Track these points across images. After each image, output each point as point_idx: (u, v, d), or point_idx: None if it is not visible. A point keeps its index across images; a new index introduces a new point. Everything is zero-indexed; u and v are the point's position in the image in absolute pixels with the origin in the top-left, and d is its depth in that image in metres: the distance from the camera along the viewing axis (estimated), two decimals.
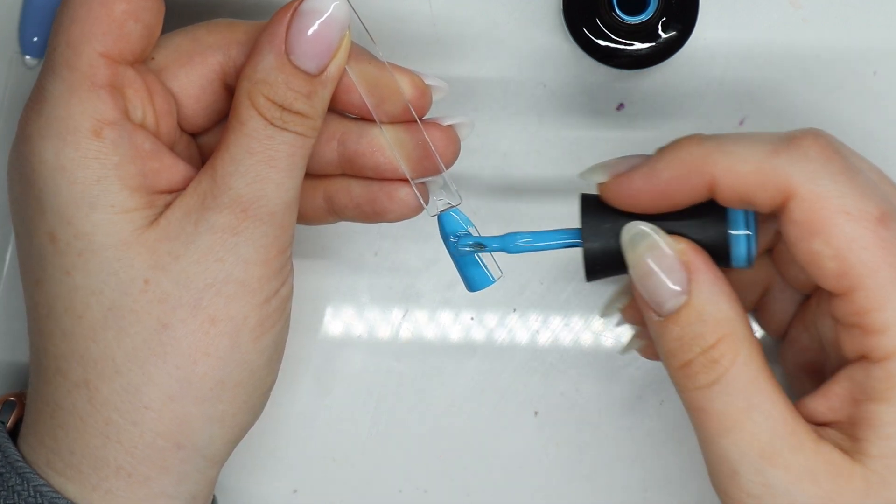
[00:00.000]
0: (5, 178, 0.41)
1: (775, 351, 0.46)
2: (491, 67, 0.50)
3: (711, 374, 0.37)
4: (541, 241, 0.41)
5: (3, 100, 0.49)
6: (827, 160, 0.37)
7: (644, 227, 0.39)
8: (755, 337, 0.38)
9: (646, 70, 0.49)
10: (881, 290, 0.36)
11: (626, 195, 0.39)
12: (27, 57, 0.49)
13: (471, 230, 0.42)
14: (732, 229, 0.39)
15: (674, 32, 0.47)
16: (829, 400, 0.38)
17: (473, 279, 0.42)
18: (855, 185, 0.36)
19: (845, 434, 0.38)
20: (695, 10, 0.47)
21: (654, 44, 0.47)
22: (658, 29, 0.47)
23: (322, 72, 0.39)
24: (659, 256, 0.38)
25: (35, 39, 0.49)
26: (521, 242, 0.41)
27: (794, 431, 0.37)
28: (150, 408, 0.39)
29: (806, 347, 0.44)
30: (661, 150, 0.39)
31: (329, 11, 0.39)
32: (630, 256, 0.39)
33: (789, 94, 0.49)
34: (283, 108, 0.39)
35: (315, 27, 0.39)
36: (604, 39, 0.47)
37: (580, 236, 0.40)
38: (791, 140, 0.37)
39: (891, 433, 0.36)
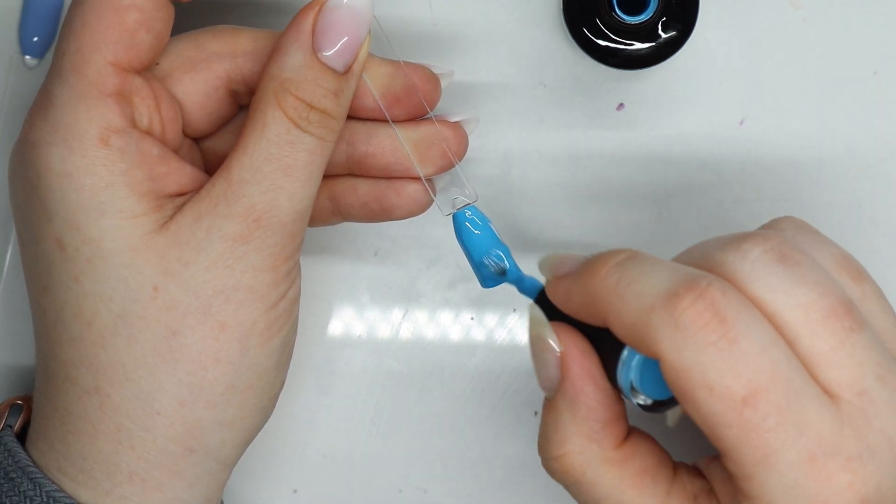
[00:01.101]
0: (5, 180, 0.41)
1: None
2: (491, 67, 0.50)
3: (562, 481, 0.38)
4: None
5: (3, 100, 0.49)
6: (703, 325, 0.34)
7: (539, 314, 0.39)
8: (619, 453, 0.38)
9: (646, 70, 0.49)
10: (746, 468, 0.34)
11: (559, 303, 0.39)
12: (27, 57, 0.49)
13: (480, 232, 0.43)
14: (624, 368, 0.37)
15: (674, 32, 0.47)
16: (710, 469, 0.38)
17: (489, 275, 0.43)
18: (725, 355, 0.33)
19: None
20: (695, 9, 0.47)
21: (653, 44, 0.47)
22: (658, 29, 0.47)
23: (348, 70, 0.39)
24: (542, 345, 0.38)
25: (35, 39, 0.49)
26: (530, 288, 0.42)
27: None
28: (162, 414, 0.39)
29: None
30: (579, 270, 0.38)
31: (355, 8, 0.39)
32: (529, 330, 0.39)
33: (789, 94, 0.49)
34: (311, 106, 0.39)
35: (342, 24, 0.39)
36: (604, 39, 0.47)
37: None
38: (670, 297, 0.34)
39: None
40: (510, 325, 0.50)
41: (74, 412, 0.39)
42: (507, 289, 0.49)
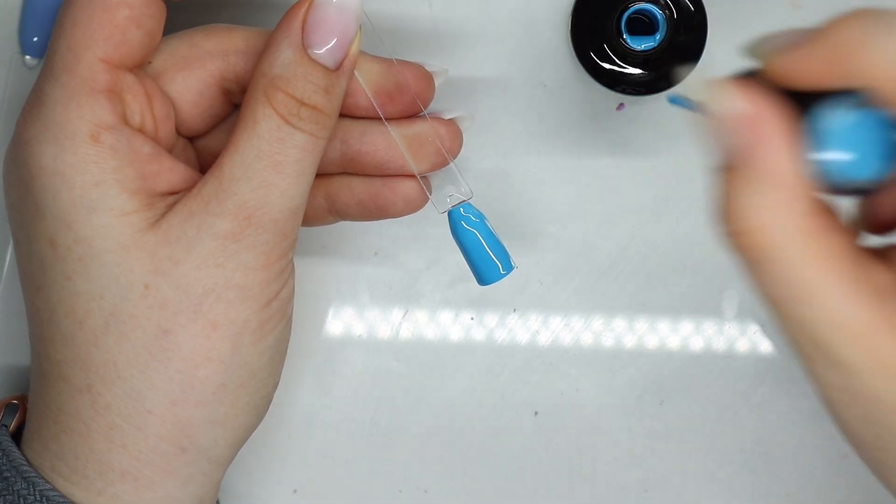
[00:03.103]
0: (3, 180, 0.41)
1: None
2: (491, 67, 0.50)
3: (745, 257, 0.34)
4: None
5: (3, 100, 0.49)
6: None
7: (719, 79, 0.34)
8: (813, 223, 0.33)
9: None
10: None
11: (784, 77, 0.34)
12: (27, 57, 0.49)
13: (476, 229, 0.43)
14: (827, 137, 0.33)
15: (682, 61, 0.47)
16: None
17: (485, 272, 0.43)
18: None
19: None
20: (703, 34, 0.47)
21: (660, 71, 0.47)
22: (666, 56, 0.47)
23: (339, 66, 0.39)
24: (727, 104, 0.34)
25: (35, 39, 0.49)
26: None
27: (844, 328, 0.33)
28: (153, 412, 0.39)
29: None
30: (816, 33, 0.33)
31: (345, 5, 0.39)
32: (705, 95, 0.34)
33: None
34: (301, 103, 0.38)
35: (332, 20, 0.39)
36: (610, 63, 0.47)
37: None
38: None
39: None
40: (510, 325, 0.50)
41: (67, 411, 0.39)
42: (506, 288, 0.49)
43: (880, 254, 0.35)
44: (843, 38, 0.32)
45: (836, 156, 0.33)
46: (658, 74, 0.47)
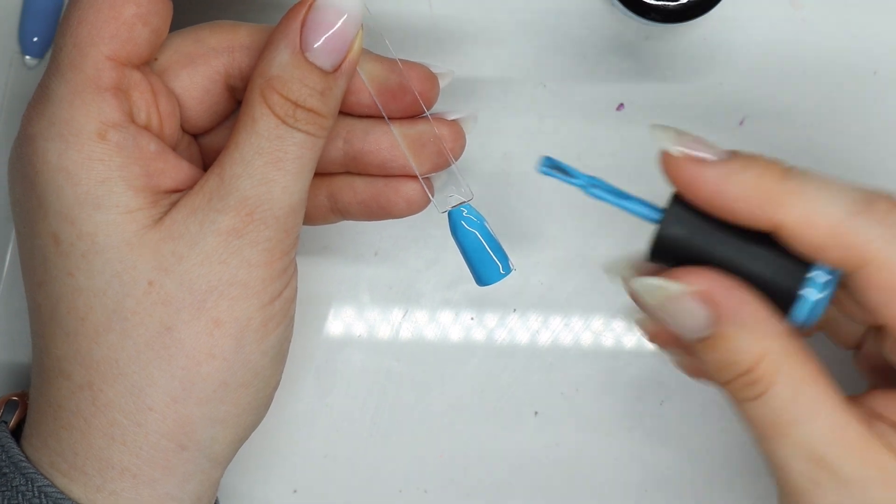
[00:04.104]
0: (5, 179, 0.41)
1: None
2: (491, 67, 0.50)
3: (752, 392, 0.37)
4: (620, 198, 0.39)
5: (3, 100, 0.49)
6: None
7: (654, 282, 0.37)
8: (800, 344, 0.37)
9: (647, 69, 0.49)
10: None
11: (690, 185, 0.37)
12: (27, 57, 0.49)
13: (477, 231, 0.43)
14: (809, 287, 0.37)
15: None
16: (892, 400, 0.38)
17: (484, 273, 0.43)
18: None
19: None
20: None
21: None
22: None
23: (337, 69, 0.39)
24: (675, 303, 0.37)
25: (35, 39, 0.49)
26: (601, 191, 0.39)
27: (843, 440, 0.36)
28: (154, 409, 0.39)
29: (879, 359, 0.42)
30: (737, 160, 0.37)
31: (344, 7, 0.39)
32: (648, 302, 0.38)
33: (789, 94, 0.49)
34: (296, 105, 0.38)
35: (330, 23, 0.39)
36: None
37: (658, 216, 0.38)
38: (869, 202, 0.36)
39: None
40: (510, 325, 0.50)
41: (67, 408, 0.39)
42: (506, 288, 0.49)
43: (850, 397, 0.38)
44: (768, 188, 0.36)
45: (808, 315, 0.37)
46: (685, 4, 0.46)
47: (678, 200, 0.38)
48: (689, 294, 0.37)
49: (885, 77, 0.49)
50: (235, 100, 0.43)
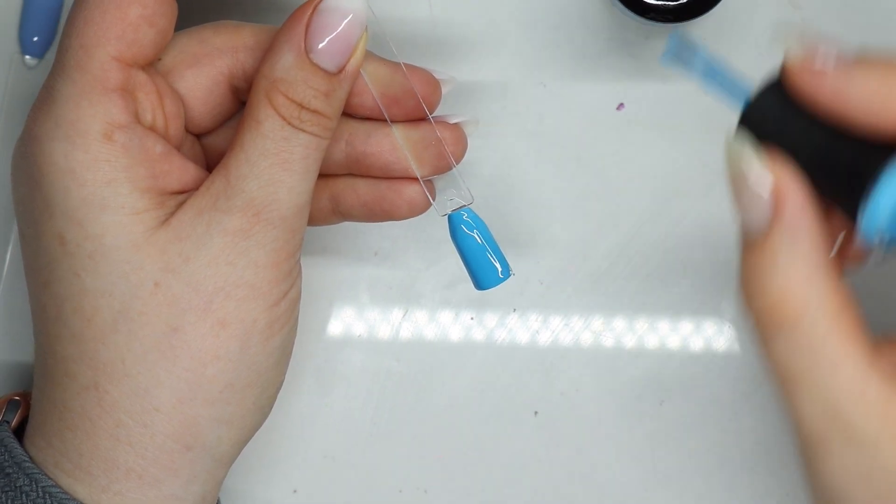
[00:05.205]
0: (6, 179, 0.41)
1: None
2: (491, 67, 0.50)
3: (772, 326, 0.35)
4: (714, 77, 0.37)
5: (3, 100, 0.49)
6: None
7: (744, 147, 0.35)
8: (840, 291, 0.35)
9: (647, 69, 0.49)
10: None
11: (808, 87, 0.35)
12: (27, 57, 0.49)
13: (477, 235, 0.43)
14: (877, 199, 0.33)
15: None
16: None
17: (483, 277, 0.43)
18: None
19: None
20: None
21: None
22: None
23: (341, 70, 0.39)
24: (751, 177, 0.35)
25: (35, 39, 0.49)
26: (715, 83, 0.37)
27: (862, 396, 0.34)
28: (160, 410, 0.39)
29: None
30: (866, 64, 0.34)
31: (349, 10, 0.39)
32: (729, 165, 0.36)
33: None
34: (301, 106, 0.39)
35: (335, 25, 0.39)
36: None
37: (746, 100, 0.36)
38: None
39: None
40: (510, 325, 0.50)
41: (72, 408, 0.39)
42: (506, 289, 0.49)
43: (885, 338, 0.37)
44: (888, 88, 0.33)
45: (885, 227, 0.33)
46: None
47: (770, 89, 0.35)
48: (764, 177, 0.35)
49: None
50: (239, 100, 0.43)
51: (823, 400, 0.35)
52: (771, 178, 0.35)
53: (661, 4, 0.46)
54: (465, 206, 0.43)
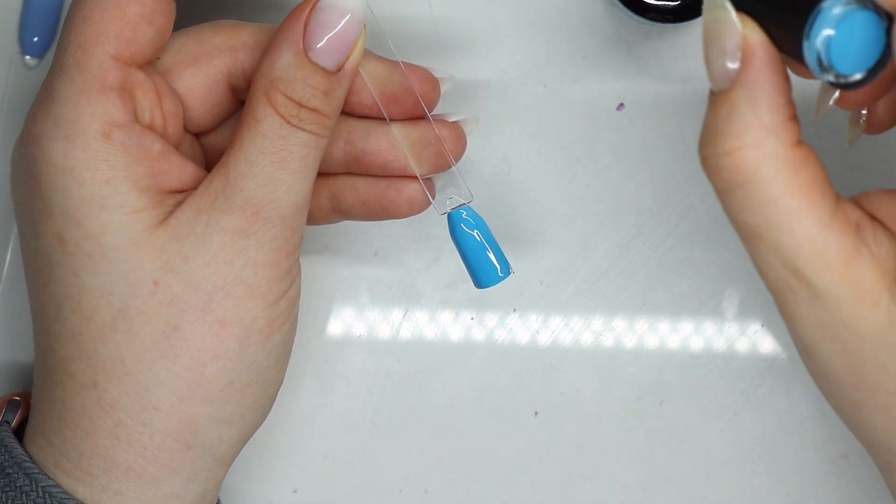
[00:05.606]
0: (5, 179, 0.41)
1: None
2: (491, 67, 0.50)
3: (728, 180, 0.35)
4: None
5: (3, 100, 0.49)
6: None
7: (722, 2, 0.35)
8: (799, 153, 0.35)
9: (647, 69, 0.49)
10: None
11: None
12: (27, 57, 0.49)
13: (476, 233, 0.43)
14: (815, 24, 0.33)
15: None
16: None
17: (482, 276, 0.43)
18: None
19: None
20: None
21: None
22: None
23: (339, 69, 0.39)
24: (721, 29, 0.35)
25: (35, 39, 0.49)
26: None
27: (820, 254, 0.34)
28: (160, 409, 0.39)
29: None
30: None
31: (348, 8, 0.39)
32: (704, 17, 0.36)
33: None
34: (300, 105, 0.39)
35: (333, 24, 0.39)
36: None
37: None
38: None
39: None
40: (510, 325, 0.50)
41: (72, 407, 0.39)
42: (506, 289, 0.49)
43: (850, 198, 0.36)
44: None
45: (833, 54, 0.33)
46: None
47: None
48: (735, 33, 0.35)
49: None
50: (237, 100, 0.43)
51: (782, 257, 0.35)
52: (740, 33, 0.35)
53: (662, 4, 0.46)
54: (464, 204, 0.43)
